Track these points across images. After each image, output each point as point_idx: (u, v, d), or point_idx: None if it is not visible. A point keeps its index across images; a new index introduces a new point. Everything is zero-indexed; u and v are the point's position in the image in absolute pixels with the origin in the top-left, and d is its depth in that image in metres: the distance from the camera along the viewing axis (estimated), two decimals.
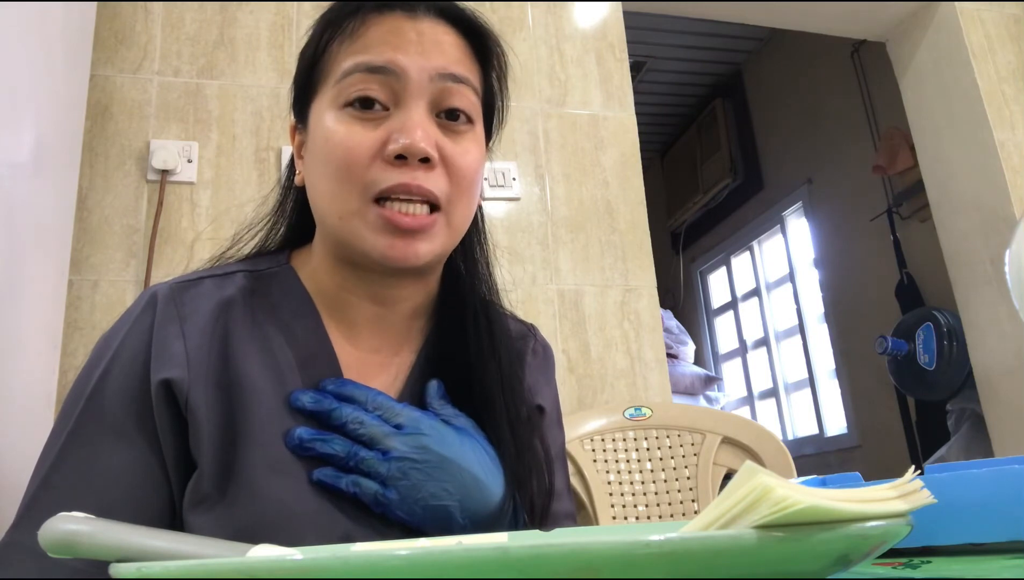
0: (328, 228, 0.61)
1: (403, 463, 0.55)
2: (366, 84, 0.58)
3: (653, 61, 3.95)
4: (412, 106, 0.58)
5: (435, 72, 0.58)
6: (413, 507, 0.55)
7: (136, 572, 0.25)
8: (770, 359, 4.11)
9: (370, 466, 0.55)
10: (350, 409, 0.57)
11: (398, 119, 0.58)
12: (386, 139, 0.57)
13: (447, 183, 0.58)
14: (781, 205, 3.93)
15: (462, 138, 0.60)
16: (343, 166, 0.57)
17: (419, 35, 0.59)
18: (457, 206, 0.60)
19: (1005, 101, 2.14)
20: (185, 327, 0.58)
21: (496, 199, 1.71)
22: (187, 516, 0.55)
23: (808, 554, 0.24)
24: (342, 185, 0.57)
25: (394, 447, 0.56)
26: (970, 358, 2.21)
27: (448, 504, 0.56)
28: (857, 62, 3.35)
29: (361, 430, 0.56)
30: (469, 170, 0.60)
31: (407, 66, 0.58)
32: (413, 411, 0.58)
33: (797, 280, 3.88)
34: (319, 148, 0.59)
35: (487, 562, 0.23)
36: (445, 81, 0.59)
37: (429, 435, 0.57)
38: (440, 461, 0.56)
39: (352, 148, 0.57)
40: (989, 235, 2.10)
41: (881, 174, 3.11)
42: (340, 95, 0.59)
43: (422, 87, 0.58)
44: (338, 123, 0.58)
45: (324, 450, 0.55)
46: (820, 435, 3.66)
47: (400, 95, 0.58)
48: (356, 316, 0.64)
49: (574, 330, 1.68)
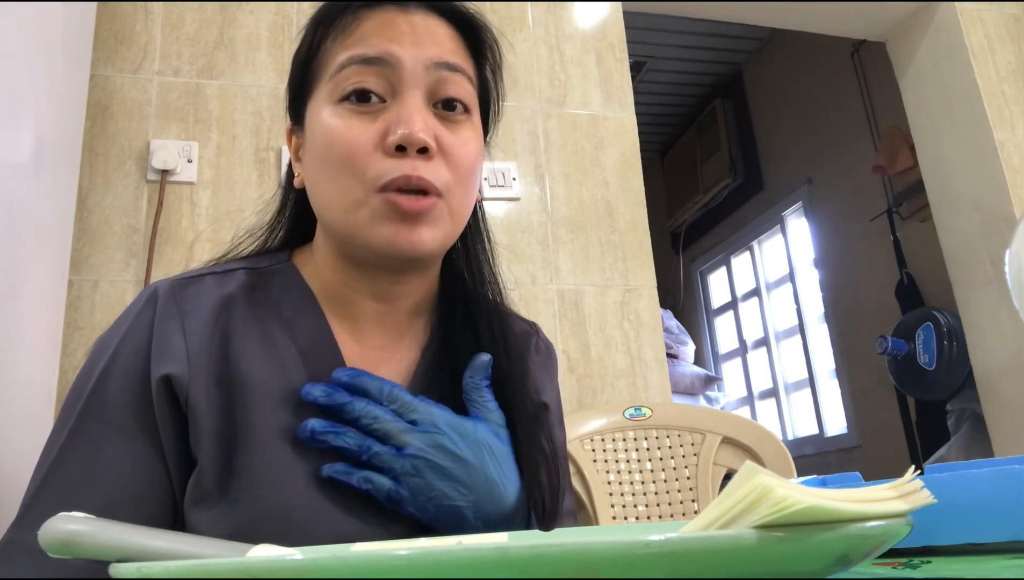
0: (332, 224, 0.61)
1: (417, 461, 0.54)
2: (362, 76, 0.58)
3: (653, 61, 3.95)
4: (409, 96, 0.58)
5: (430, 61, 0.59)
6: (426, 505, 0.55)
7: (136, 572, 0.25)
8: (770, 359, 4.11)
9: (383, 461, 0.54)
10: (363, 403, 0.56)
11: (395, 110, 0.58)
12: (385, 131, 0.57)
13: (447, 172, 0.58)
14: (781, 205, 3.93)
15: (460, 128, 0.60)
16: (345, 160, 0.57)
17: (412, 27, 0.59)
18: (457, 194, 0.60)
19: (1005, 101, 2.14)
20: (186, 323, 0.58)
21: (496, 199, 1.71)
22: (188, 513, 0.55)
23: (808, 554, 0.24)
24: (345, 178, 0.57)
25: (409, 443, 0.55)
26: (970, 358, 2.22)
27: (461, 505, 0.55)
28: (857, 62, 3.35)
29: (375, 425, 0.55)
30: (468, 159, 0.60)
31: (402, 56, 0.58)
32: (430, 406, 0.57)
33: (797, 280, 3.88)
34: (318, 145, 0.59)
35: (487, 562, 0.23)
36: (440, 70, 0.59)
37: (445, 433, 0.56)
38: (455, 460, 0.55)
39: (352, 142, 0.57)
40: (989, 235, 2.10)
41: (881, 174, 3.11)
42: (336, 89, 0.59)
43: (417, 77, 0.58)
44: (336, 117, 0.58)
45: (337, 443, 0.54)
46: (820, 435, 3.66)
47: (396, 86, 0.58)
48: (359, 313, 0.64)
49: (574, 330, 1.68)
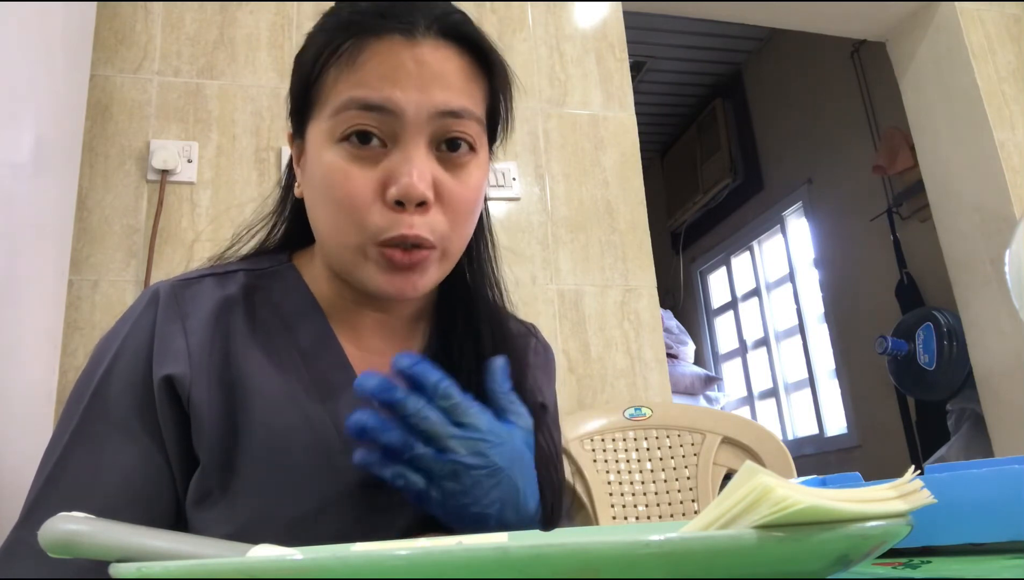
0: (327, 252, 0.62)
1: (456, 466, 0.53)
2: (363, 120, 0.56)
3: (653, 61, 3.94)
4: (411, 145, 0.56)
5: (435, 110, 0.56)
6: (454, 509, 0.54)
7: (136, 572, 0.25)
8: (770, 359, 4.10)
9: (423, 462, 0.53)
10: (416, 402, 0.53)
11: (396, 158, 0.56)
12: (384, 180, 0.56)
13: (444, 220, 0.58)
14: (781, 205, 3.93)
15: (463, 170, 0.59)
16: (344, 208, 0.56)
17: (419, 65, 0.56)
18: (453, 239, 0.59)
19: (1005, 101, 2.14)
20: (187, 324, 0.58)
21: (496, 199, 1.71)
22: (191, 512, 0.56)
23: (808, 554, 0.24)
24: (341, 224, 0.57)
25: (452, 449, 0.53)
26: (970, 358, 2.21)
27: (488, 512, 0.54)
28: (857, 62, 3.34)
29: (423, 425, 0.53)
30: (468, 203, 0.59)
31: (405, 106, 0.56)
32: (477, 410, 0.55)
33: (797, 280, 3.88)
34: (318, 181, 0.59)
35: (487, 562, 0.23)
36: (445, 118, 0.57)
37: (488, 440, 0.54)
38: (493, 470, 0.54)
39: (352, 191, 0.56)
40: (989, 235, 2.10)
41: (881, 174, 3.11)
42: (336, 128, 0.57)
43: (420, 126, 0.56)
44: (337, 159, 0.57)
45: (382, 439, 0.53)
46: (820, 435, 3.65)
47: (398, 132, 0.56)
48: (358, 320, 0.64)
49: (574, 330, 1.68)
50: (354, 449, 0.55)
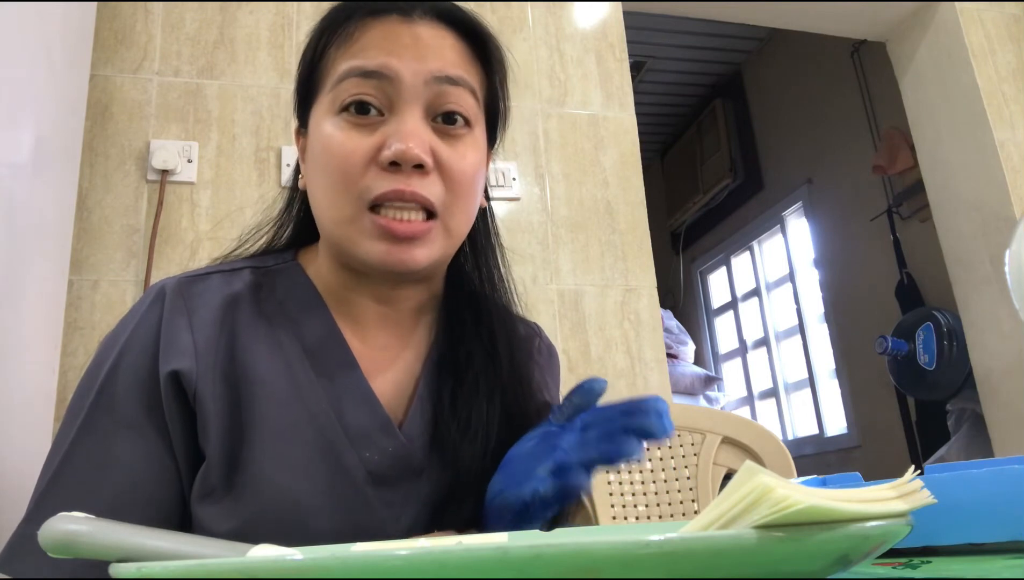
0: (326, 233, 0.62)
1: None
2: (360, 89, 0.57)
3: (653, 61, 3.94)
4: (407, 111, 0.57)
5: (430, 75, 0.58)
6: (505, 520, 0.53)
7: (136, 572, 0.25)
8: (770, 359, 4.10)
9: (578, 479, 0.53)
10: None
11: (393, 124, 0.57)
12: (381, 144, 0.57)
13: (443, 189, 0.58)
14: (781, 205, 3.93)
15: (459, 142, 0.60)
16: (338, 173, 0.57)
17: (415, 38, 0.58)
18: (454, 212, 0.59)
19: (1005, 101, 2.14)
20: (193, 320, 0.58)
21: (496, 199, 1.71)
22: (195, 508, 0.56)
23: (808, 554, 0.24)
24: (337, 192, 0.57)
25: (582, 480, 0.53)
26: (970, 358, 2.22)
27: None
28: (857, 62, 3.34)
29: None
30: (465, 175, 0.59)
31: (401, 70, 0.57)
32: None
33: (797, 280, 3.88)
34: (317, 155, 0.60)
35: (487, 562, 0.23)
36: (441, 84, 0.58)
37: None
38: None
39: (347, 155, 0.57)
40: (989, 235, 2.10)
41: (881, 174, 3.11)
42: (336, 100, 0.58)
43: (416, 91, 0.58)
44: (334, 129, 0.58)
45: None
46: (820, 435, 3.65)
47: (395, 100, 0.58)
48: (362, 314, 0.64)
49: (574, 330, 1.68)
50: (359, 445, 0.55)
